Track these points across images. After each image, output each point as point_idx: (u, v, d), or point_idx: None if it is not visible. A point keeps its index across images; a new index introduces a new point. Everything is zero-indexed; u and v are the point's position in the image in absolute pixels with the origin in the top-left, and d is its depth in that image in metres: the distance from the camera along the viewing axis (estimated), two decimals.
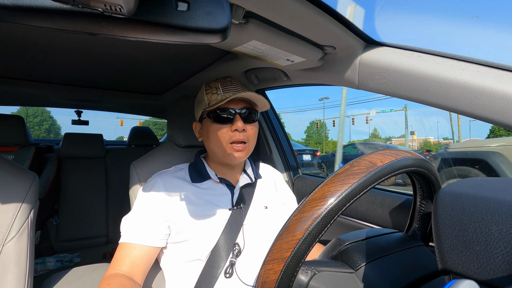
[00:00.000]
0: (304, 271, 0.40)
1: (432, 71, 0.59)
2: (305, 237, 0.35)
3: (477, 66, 0.55)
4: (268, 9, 0.54)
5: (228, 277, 0.68)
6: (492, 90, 0.52)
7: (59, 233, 1.77)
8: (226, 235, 0.71)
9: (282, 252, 0.36)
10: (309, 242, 0.35)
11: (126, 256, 0.67)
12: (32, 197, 0.69)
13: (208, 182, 0.78)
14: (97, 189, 1.94)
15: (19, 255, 0.64)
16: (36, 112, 27.03)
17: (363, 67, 0.71)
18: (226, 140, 0.73)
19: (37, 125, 26.62)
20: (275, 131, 1.37)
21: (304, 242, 0.35)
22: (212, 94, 0.75)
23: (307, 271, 0.40)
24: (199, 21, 0.32)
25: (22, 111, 26.19)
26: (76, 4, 0.26)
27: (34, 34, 0.86)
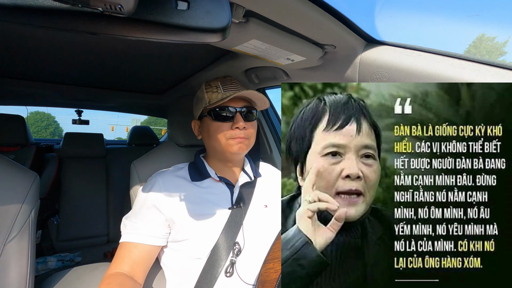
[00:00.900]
0: None
1: (432, 70, 0.59)
2: None
3: (478, 65, 0.55)
4: (268, 8, 0.54)
5: (229, 276, 0.68)
6: None
7: (60, 233, 1.77)
8: (226, 234, 0.71)
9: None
10: None
11: (126, 256, 0.67)
12: (33, 196, 0.69)
13: (208, 180, 0.78)
14: (98, 188, 1.94)
15: (20, 254, 0.64)
16: (43, 117, 33.06)
17: (364, 65, 0.71)
18: (227, 137, 0.73)
19: (43, 129, 31.52)
20: (275, 130, 1.37)
21: None
22: (213, 92, 0.75)
23: None
24: (199, 20, 0.32)
25: (31, 117, 30.84)
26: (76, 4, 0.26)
27: (34, 33, 0.86)
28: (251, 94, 0.73)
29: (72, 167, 1.90)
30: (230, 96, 0.70)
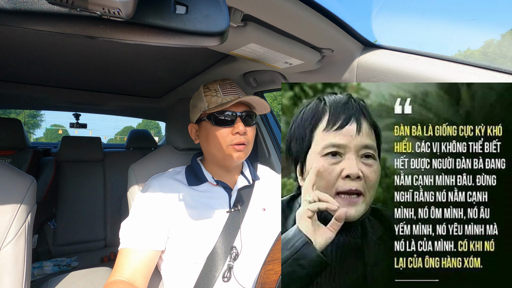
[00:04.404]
0: None
1: (429, 74, 0.59)
2: None
3: (474, 69, 0.56)
4: (266, 12, 0.54)
5: (226, 281, 0.67)
6: None
7: (56, 237, 1.75)
8: (223, 238, 0.70)
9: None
10: None
11: (126, 262, 0.66)
12: (30, 200, 0.68)
13: (205, 185, 0.78)
14: (95, 192, 1.93)
15: (16, 259, 0.64)
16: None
17: (361, 69, 0.72)
18: (227, 143, 0.73)
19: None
20: (273, 133, 1.38)
21: None
22: (212, 96, 0.75)
23: None
24: (197, 24, 0.32)
25: (48, 133, 33.08)
26: (74, 8, 0.26)
27: (33, 37, 0.86)
28: (252, 100, 0.72)
29: (69, 171, 1.89)
30: (232, 102, 0.70)
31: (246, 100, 0.72)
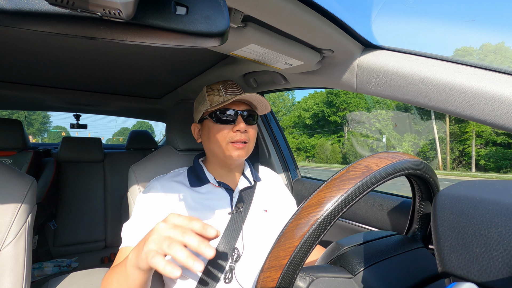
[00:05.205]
0: (302, 277, 0.40)
1: (430, 74, 0.59)
2: (302, 243, 0.35)
3: (474, 69, 0.56)
4: (266, 13, 0.54)
5: (228, 283, 0.67)
6: (488, 93, 0.52)
7: (57, 238, 1.75)
8: (225, 239, 0.70)
9: (279, 259, 0.36)
10: (306, 248, 0.35)
11: None
12: (30, 201, 0.68)
13: (207, 186, 0.78)
14: (96, 193, 1.93)
15: (16, 260, 0.64)
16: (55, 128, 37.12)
17: (361, 70, 0.72)
18: (227, 140, 0.73)
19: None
20: (274, 134, 1.38)
21: (301, 249, 0.35)
22: (214, 95, 0.76)
23: (305, 278, 0.40)
24: (198, 25, 0.32)
25: (51, 135, 35.26)
26: (75, 9, 0.26)
27: (33, 38, 0.86)
28: (252, 97, 0.73)
29: (69, 172, 1.89)
30: (232, 99, 0.70)
31: (247, 98, 0.73)
